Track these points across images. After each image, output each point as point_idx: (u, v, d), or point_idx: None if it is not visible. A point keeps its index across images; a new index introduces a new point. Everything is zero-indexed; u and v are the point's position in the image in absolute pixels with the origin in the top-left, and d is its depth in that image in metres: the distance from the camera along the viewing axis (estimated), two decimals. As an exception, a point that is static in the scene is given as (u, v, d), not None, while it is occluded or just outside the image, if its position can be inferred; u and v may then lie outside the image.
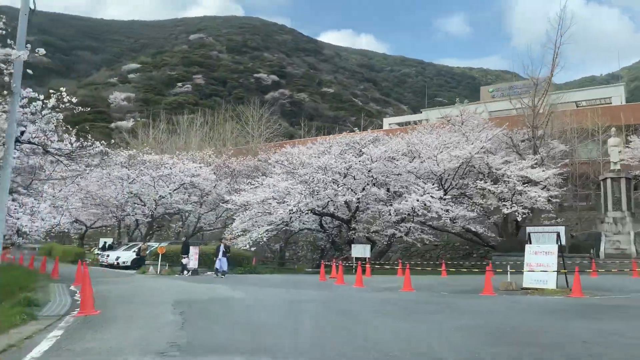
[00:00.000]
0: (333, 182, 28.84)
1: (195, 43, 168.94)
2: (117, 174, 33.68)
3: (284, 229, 33.57)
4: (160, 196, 34.60)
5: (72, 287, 15.01)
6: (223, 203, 34.11)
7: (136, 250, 31.47)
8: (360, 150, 30.53)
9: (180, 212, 40.24)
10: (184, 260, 23.79)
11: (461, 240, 37.66)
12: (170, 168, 34.70)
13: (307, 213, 29.49)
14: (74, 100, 14.24)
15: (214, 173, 39.33)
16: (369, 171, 28.88)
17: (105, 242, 40.38)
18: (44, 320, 8.79)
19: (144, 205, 34.81)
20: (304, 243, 45.45)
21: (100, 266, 32.09)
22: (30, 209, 17.02)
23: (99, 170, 34.75)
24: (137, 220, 36.41)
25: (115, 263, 30.74)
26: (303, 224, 34.30)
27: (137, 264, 28.83)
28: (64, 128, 13.68)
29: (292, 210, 27.90)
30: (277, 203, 28.80)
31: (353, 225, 31.87)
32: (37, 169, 18.18)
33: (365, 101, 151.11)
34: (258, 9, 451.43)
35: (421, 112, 73.90)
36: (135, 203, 35.41)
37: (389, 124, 71.20)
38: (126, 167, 34.32)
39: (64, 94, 12.85)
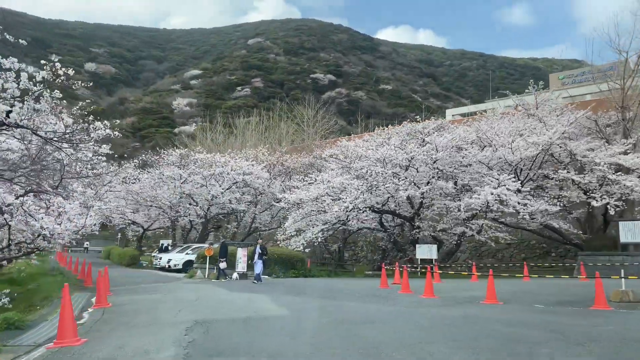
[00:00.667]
0: (393, 176, 25.71)
1: (253, 47, 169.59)
2: (169, 173, 32.06)
3: (340, 228, 30.78)
4: (212, 196, 32.72)
5: (93, 299, 12.88)
6: (275, 202, 31.72)
7: (190, 252, 29.69)
8: (424, 140, 27.21)
9: (235, 212, 38.39)
10: (222, 265, 21.30)
11: (537, 237, 33.38)
12: (222, 166, 32.73)
13: (364, 211, 26.53)
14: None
15: (268, 171, 37.17)
16: (434, 162, 25.51)
17: (162, 244, 39.15)
18: (7, 353, 6.43)
19: (197, 205, 33.05)
20: (363, 243, 42.45)
21: (154, 269, 30.60)
22: (57, 210, 15.13)
23: (152, 170, 33.41)
24: (191, 221, 34.76)
25: (167, 266, 29.03)
26: (361, 222, 31.40)
27: (189, 266, 27.03)
28: (62, 107, 11.42)
29: (348, 207, 25.03)
30: (332, 200, 26.02)
31: (417, 223, 28.57)
32: (65, 165, 16.33)
33: (424, 97, 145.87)
34: (314, 11, 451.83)
35: (485, 102, 69.01)
36: (189, 204, 33.77)
37: (452, 115, 66.86)
38: (178, 167, 32.66)
39: (58, 64, 10.41)
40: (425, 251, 27.93)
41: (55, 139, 10.54)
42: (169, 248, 36.22)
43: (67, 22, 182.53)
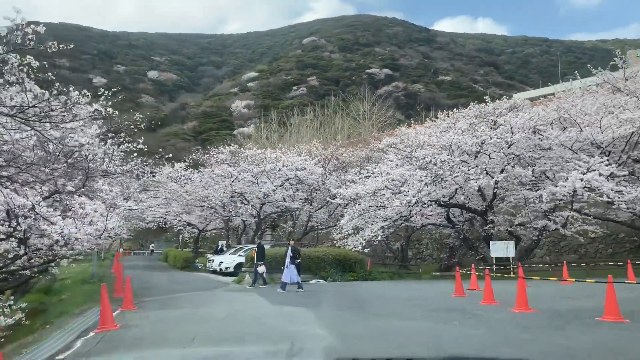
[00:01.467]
0: (462, 164, 22.41)
1: (308, 46, 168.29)
2: (220, 172, 30.18)
3: (403, 224, 27.71)
4: (264, 194, 30.57)
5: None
6: (331, 198, 29.09)
7: (242, 253, 27.65)
8: (495, 122, 23.72)
9: (289, 211, 36.15)
10: (260, 269, 18.52)
11: (627, 230, 28.96)
12: (273, 162, 30.48)
13: (429, 205, 23.39)
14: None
15: (322, 166, 34.64)
16: (509, 147, 21.98)
17: (218, 245, 37.54)
18: None
19: (248, 204, 31.01)
20: (428, 241, 39.02)
21: (207, 272, 28.82)
22: (78, 212, 13.20)
23: (203, 170, 31.72)
24: (243, 221, 32.78)
25: (218, 269, 27.10)
26: (426, 218, 28.20)
27: (240, 269, 24.94)
28: (32, 77, 9.26)
29: (410, 202, 22.01)
30: (392, 194, 23.07)
31: (490, 217, 25.07)
32: (88, 161, 14.42)
33: (486, 86, 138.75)
34: (369, 7, 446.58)
35: (554, 85, 63.29)
36: (241, 202, 31.80)
37: (520, 100, 61.63)
38: (228, 164, 30.73)
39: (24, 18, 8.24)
40: (501, 248, 24.45)
41: (22, 116, 8.33)
42: (224, 249, 34.46)
43: (130, 33, 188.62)
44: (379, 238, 23.25)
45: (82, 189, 14.48)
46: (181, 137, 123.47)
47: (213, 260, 29.15)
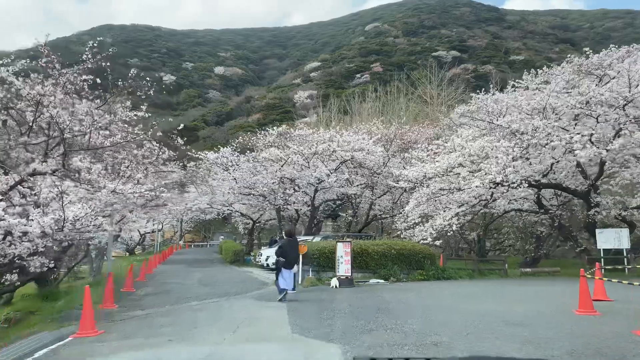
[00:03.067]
0: (559, 131, 17.12)
1: (371, 33, 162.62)
2: (266, 154, 26.39)
3: (481, 211, 22.64)
4: (317, 179, 26.44)
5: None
6: (392, 181, 24.48)
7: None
8: (600, 80, 18.18)
9: (349, 199, 31.88)
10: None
11: None
12: (327, 143, 26.26)
13: (518, 184, 18.24)
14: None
15: (384, 147, 30.04)
16: (626, 105, 16.44)
17: (272, 237, 33.96)
18: None
19: (299, 190, 27.01)
20: (509, 229, 33.40)
21: (257, 267, 25.22)
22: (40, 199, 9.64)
23: (248, 154, 28.11)
24: (296, 210, 28.83)
25: (265, 264, 23.36)
26: (510, 202, 23.08)
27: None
28: None
29: (494, 180, 17.06)
30: (470, 173, 18.18)
31: (595, 199, 19.57)
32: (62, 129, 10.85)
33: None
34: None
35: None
36: (293, 189, 27.86)
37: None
38: (276, 147, 26.87)
39: None
40: (611, 238, 19.02)
41: None
42: (277, 241, 30.75)
43: (197, 31, 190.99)
44: (454, 227, 18.45)
45: (61, 170, 10.94)
46: (246, 129, 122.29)
47: (261, 255, 25.46)
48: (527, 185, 17.89)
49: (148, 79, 13.92)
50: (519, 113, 17.97)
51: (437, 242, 18.43)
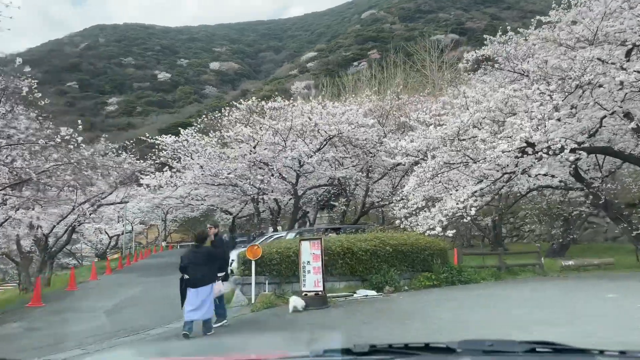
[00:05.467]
0: (614, 69, 11.65)
1: (367, 20, 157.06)
2: (232, 133, 21.06)
3: (503, 188, 17.24)
4: (296, 160, 21.14)
5: None
6: (387, 156, 19.16)
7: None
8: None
9: (342, 185, 26.54)
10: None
11: None
12: (306, 115, 20.89)
13: (559, 149, 12.76)
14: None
15: (378, 122, 24.71)
16: None
17: (252, 234, 28.69)
18: None
19: (274, 175, 21.67)
20: (530, 212, 27.91)
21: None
22: None
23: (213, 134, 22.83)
24: (276, 200, 23.49)
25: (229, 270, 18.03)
26: (536, 178, 17.79)
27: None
28: None
29: (527, 141, 11.67)
30: (491, 134, 12.74)
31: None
32: None
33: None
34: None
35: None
36: (271, 175, 22.53)
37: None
38: (244, 125, 21.53)
39: None
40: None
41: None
42: (254, 237, 25.48)
43: (191, 27, 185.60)
44: (472, 212, 13.01)
45: None
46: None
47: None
48: (571, 148, 12.40)
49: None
50: (557, 47, 12.53)
51: (449, 233, 13.10)
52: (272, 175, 22.08)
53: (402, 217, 16.00)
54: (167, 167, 23.30)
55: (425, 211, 14.46)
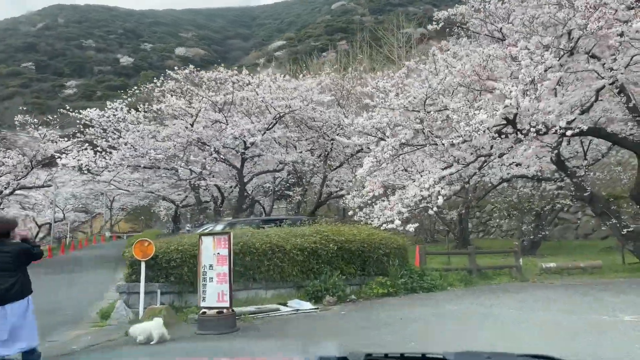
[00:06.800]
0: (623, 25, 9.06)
1: (337, 11, 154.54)
2: (163, 106, 17.74)
3: (474, 176, 14.63)
4: (239, 140, 18.01)
5: None
6: (339, 135, 16.32)
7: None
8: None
9: (297, 172, 23.60)
10: None
11: None
12: (253, 89, 17.77)
13: (537, 131, 10.06)
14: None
15: (338, 103, 21.95)
16: None
17: (189, 225, 25.40)
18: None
19: (214, 158, 18.48)
20: (498, 205, 25.56)
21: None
22: None
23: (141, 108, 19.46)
24: (217, 186, 20.28)
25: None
26: (511, 167, 15.56)
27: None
28: None
29: (502, 126, 8.96)
30: (466, 104, 9.99)
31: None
32: None
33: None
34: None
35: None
36: (215, 159, 19.24)
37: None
38: (177, 97, 18.24)
39: None
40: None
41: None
42: (189, 229, 22.26)
43: (156, 11, 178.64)
44: (439, 201, 10.23)
45: None
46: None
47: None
48: (560, 127, 9.70)
49: None
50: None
51: (410, 227, 10.34)
52: (214, 157, 18.86)
53: (356, 208, 13.15)
54: (90, 145, 19.80)
55: (382, 200, 11.63)
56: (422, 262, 10.91)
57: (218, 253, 6.86)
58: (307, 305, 8.33)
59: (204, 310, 6.77)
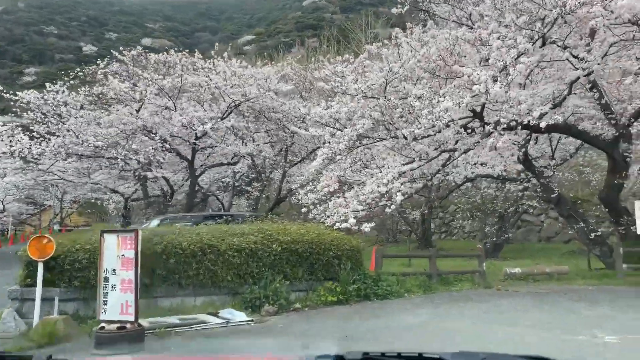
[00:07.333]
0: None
1: (308, 8, 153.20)
2: (105, 89, 16.12)
3: (438, 173, 13.66)
4: (192, 130, 16.55)
5: None
6: (295, 125, 15.15)
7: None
8: None
9: (256, 166, 22.25)
10: None
11: None
12: (206, 75, 16.35)
13: (507, 125, 9.14)
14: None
15: (301, 96, 20.79)
16: None
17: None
18: None
19: (163, 147, 16.96)
20: (461, 206, 24.87)
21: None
22: None
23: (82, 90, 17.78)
24: (165, 178, 18.72)
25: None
26: (475, 166, 14.80)
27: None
28: None
29: (468, 121, 7.96)
30: (430, 90, 8.95)
31: (629, 153, 11.05)
32: None
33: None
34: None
35: None
36: (164, 149, 17.65)
37: None
38: (120, 79, 16.62)
39: None
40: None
41: None
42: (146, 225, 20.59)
43: (122, 0, 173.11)
44: (398, 198, 9.14)
45: None
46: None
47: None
48: (536, 119, 8.75)
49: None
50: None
51: (366, 227, 9.21)
52: (161, 146, 17.30)
53: (310, 205, 11.97)
54: (26, 130, 17.95)
55: (338, 197, 10.47)
56: (378, 265, 9.80)
57: (123, 255, 5.54)
58: (240, 316, 7.08)
59: (102, 324, 5.43)
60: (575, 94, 10.10)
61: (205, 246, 7.51)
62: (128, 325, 5.38)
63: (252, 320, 7.00)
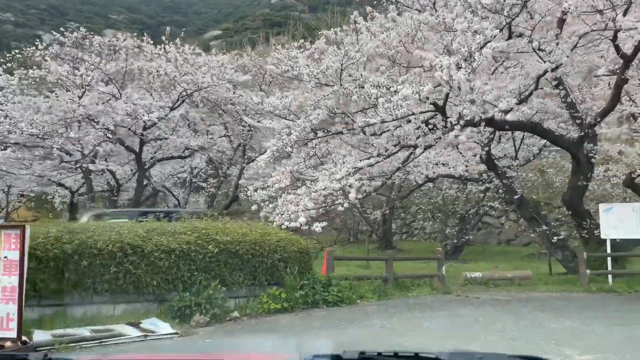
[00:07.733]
0: None
1: (276, 6, 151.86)
2: (43, 72, 14.70)
3: (398, 170, 12.92)
4: (139, 120, 15.27)
5: None
6: (247, 115, 14.19)
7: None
8: None
9: (214, 161, 21.14)
10: None
11: None
12: (154, 61, 15.13)
13: (469, 121, 8.44)
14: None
15: (259, 87, 19.83)
16: None
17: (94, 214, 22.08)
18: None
19: (106, 137, 15.60)
20: (422, 206, 24.36)
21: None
22: None
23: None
24: (111, 171, 17.33)
25: None
26: (435, 166, 14.21)
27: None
28: None
29: (431, 116, 7.21)
30: (389, 78, 8.17)
31: (593, 151, 10.59)
32: None
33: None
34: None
35: None
36: (108, 139, 16.21)
37: None
38: (59, 62, 15.23)
39: None
40: (627, 219, 10.06)
41: None
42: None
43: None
44: (352, 194, 8.30)
45: None
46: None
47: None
48: (502, 111, 8.08)
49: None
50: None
51: (317, 227, 8.32)
52: (102, 136, 15.93)
53: (261, 202, 11.00)
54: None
55: (288, 193, 9.56)
56: (329, 268, 8.93)
57: (5, 257, 4.45)
58: (164, 328, 6.06)
59: (-27, 344, 4.34)
60: (542, 89, 9.51)
61: (126, 246, 6.46)
62: (7, 344, 4.30)
63: (177, 333, 6.00)
